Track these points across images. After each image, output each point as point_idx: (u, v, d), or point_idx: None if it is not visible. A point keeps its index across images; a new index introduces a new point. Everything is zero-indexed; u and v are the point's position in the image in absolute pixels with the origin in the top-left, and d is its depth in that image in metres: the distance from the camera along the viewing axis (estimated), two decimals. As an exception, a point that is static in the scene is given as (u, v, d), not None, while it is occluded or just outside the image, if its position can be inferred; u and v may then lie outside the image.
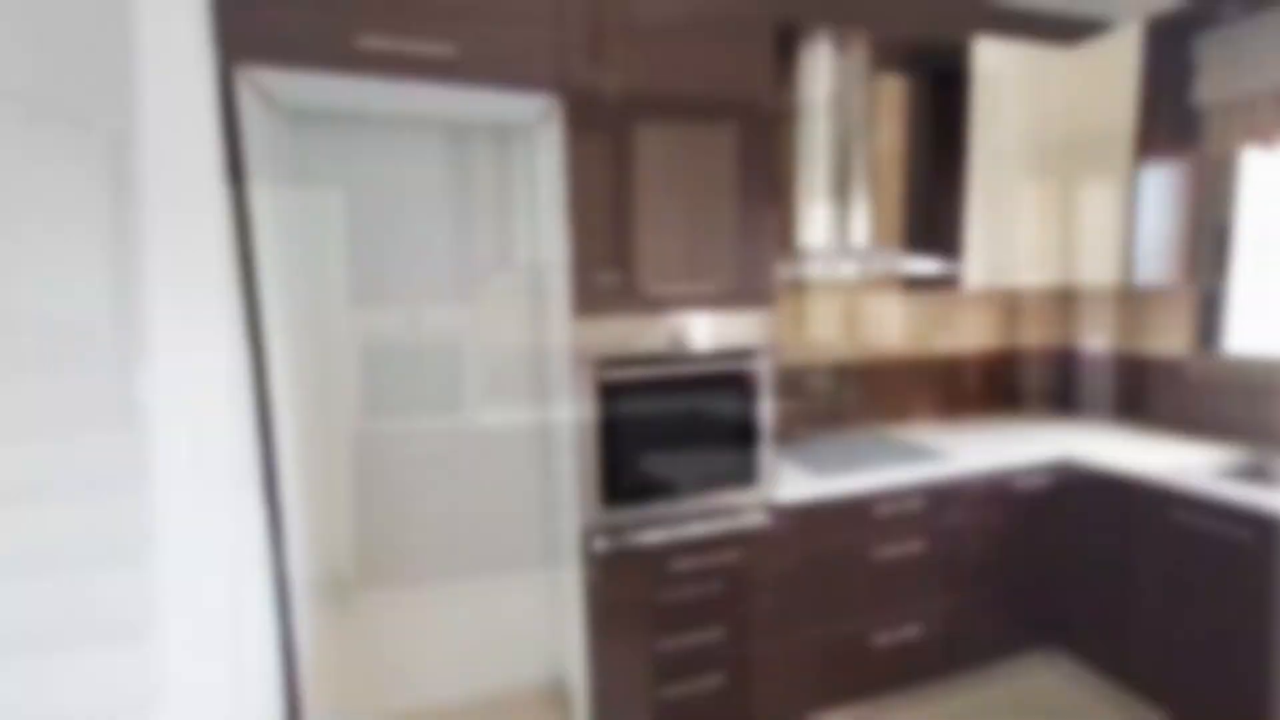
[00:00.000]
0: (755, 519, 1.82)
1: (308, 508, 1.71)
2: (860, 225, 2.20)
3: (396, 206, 1.94)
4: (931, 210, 2.35)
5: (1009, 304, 2.74)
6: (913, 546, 2.02)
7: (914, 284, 2.47)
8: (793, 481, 1.92)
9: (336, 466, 1.97)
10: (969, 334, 2.69)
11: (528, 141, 2.05)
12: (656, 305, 1.68)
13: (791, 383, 2.42)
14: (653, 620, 1.76)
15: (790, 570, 1.87)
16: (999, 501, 2.13)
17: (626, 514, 1.72)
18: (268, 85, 1.49)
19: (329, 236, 1.88)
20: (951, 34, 2.12)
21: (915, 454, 2.15)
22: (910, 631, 2.08)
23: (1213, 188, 2.22)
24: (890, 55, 2.24)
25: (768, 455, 1.84)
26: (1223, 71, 2.09)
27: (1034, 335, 2.82)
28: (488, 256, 2.07)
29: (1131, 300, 2.47)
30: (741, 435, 1.81)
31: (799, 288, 2.40)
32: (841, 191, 2.16)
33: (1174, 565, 1.90)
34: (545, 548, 2.26)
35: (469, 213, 2.03)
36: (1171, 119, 2.16)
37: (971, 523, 2.10)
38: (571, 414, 1.67)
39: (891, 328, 2.55)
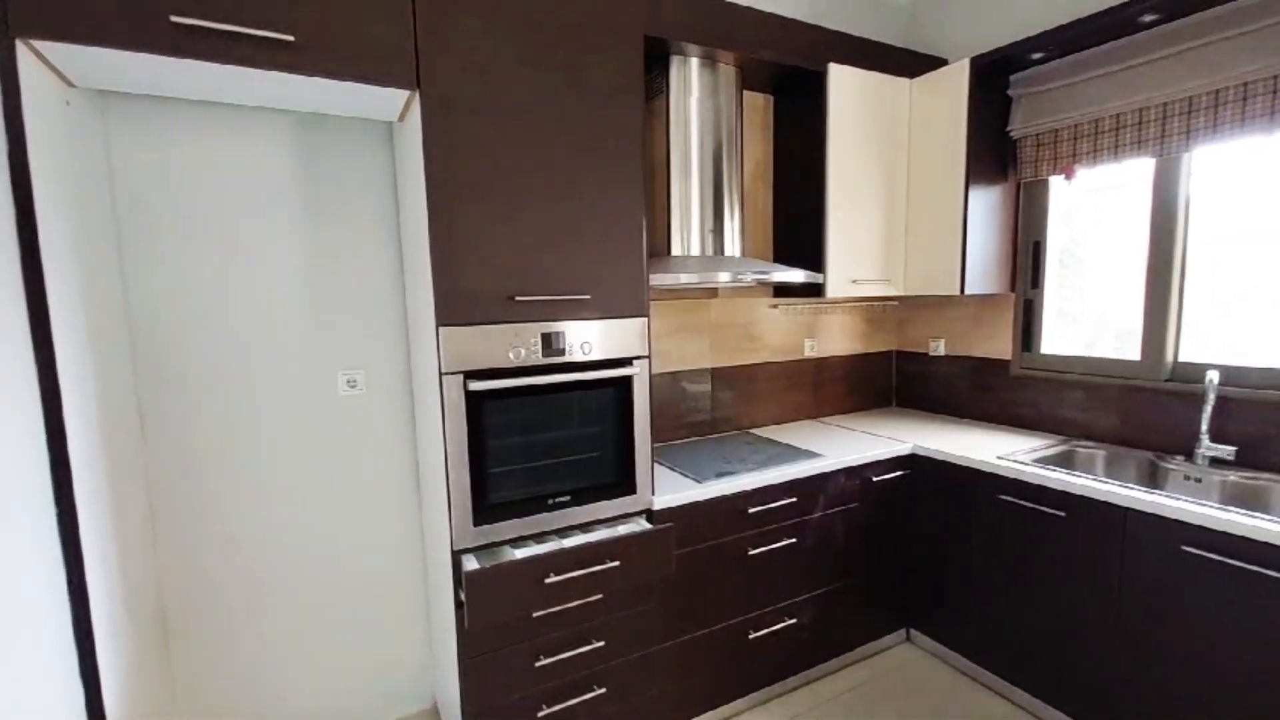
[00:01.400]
0: (634, 527, 1.83)
1: (121, 537, 1.50)
2: (733, 236, 2.29)
3: (231, 203, 1.76)
4: (797, 222, 2.49)
5: (868, 311, 2.97)
6: (785, 541, 2.12)
7: (783, 292, 2.61)
8: (671, 487, 1.95)
9: (159, 488, 1.74)
10: (834, 339, 2.88)
11: (389, 139, 1.94)
12: (529, 314, 1.64)
13: (669, 390, 2.47)
14: (531, 638, 1.71)
15: (671, 575, 1.89)
16: (859, 494, 2.29)
17: (499, 530, 1.66)
18: (60, 62, 1.29)
19: (140, 233, 1.66)
20: (809, 61, 2.26)
21: (786, 454, 2.26)
22: (786, 623, 2.17)
23: (1028, 209, 2.53)
24: (757, 75, 2.35)
25: (646, 462, 1.85)
26: (1031, 109, 2.39)
27: (890, 340, 3.07)
28: (347, 259, 1.93)
29: (967, 307, 2.75)
30: (619, 444, 1.81)
31: (675, 296, 2.45)
32: (715, 204, 2.24)
33: (1003, 542, 2.13)
34: (418, 570, 2.14)
35: (321, 212, 1.88)
36: (994, 148, 2.44)
37: (836, 516, 2.24)
38: (438, 428, 1.59)
39: (763, 334, 2.67)
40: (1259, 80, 1.84)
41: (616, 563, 1.69)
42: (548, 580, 1.61)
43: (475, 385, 1.56)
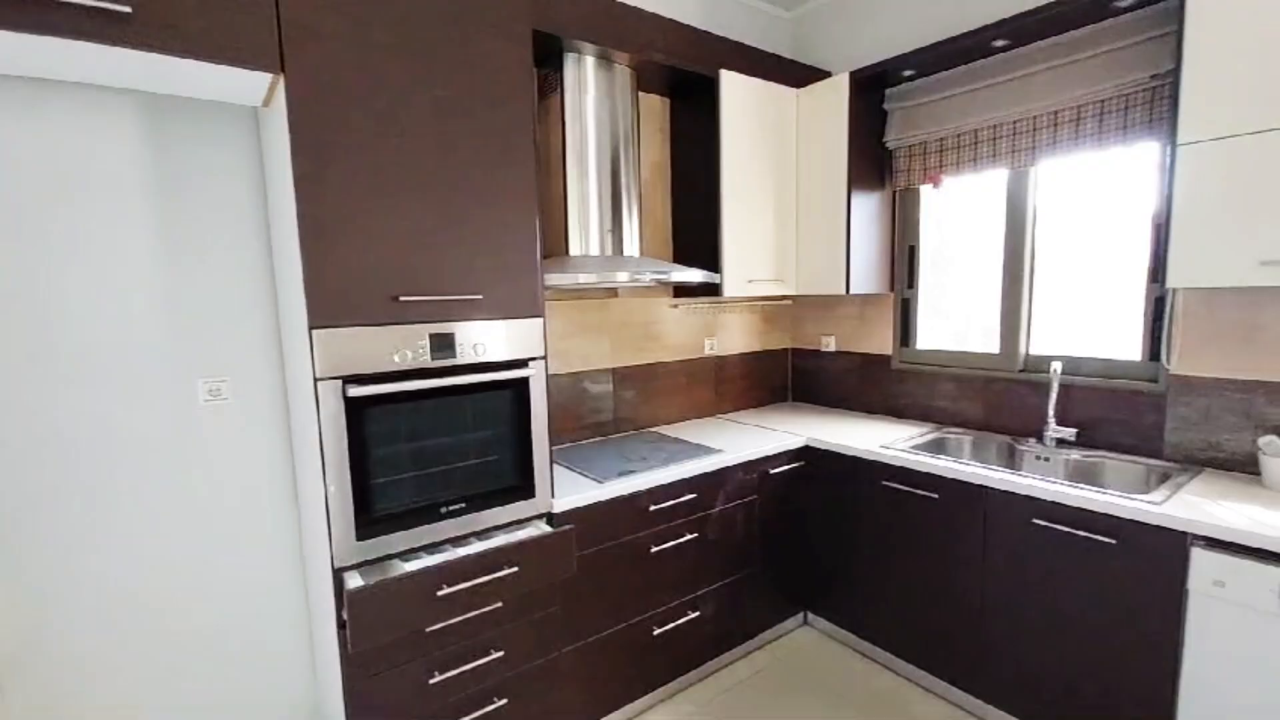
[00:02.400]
0: (534, 531, 1.79)
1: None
2: (632, 236, 2.30)
3: (72, 194, 1.55)
4: (694, 223, 2.55)
5: (764, 310, 3.08)
6: (687, 537, 2.16)
7: (682, 292, 2.66)
8: (573, 489, 1.93)
9: (-14, 527, 1.51)
10: (733, 338, 2.97)
11: (256, 125, 1.79)
12: (416, 314, 1.56)
13: (570, 390, 2.44)
14: (424, 654, 1.63)
15: (573, 578, 1.87)
16: (758, 487, 2.37)
17: (387, 544, 1.57)
18: None
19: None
20: (702, 66, 2.32)
21: (687, 451, 2.30)
22: (689, 617, 2.21)
23: (903, 215, 2.73)
24: (653, 78, 2.38)
25: (545, 465, 1.82)
26: (904, 122, 2.58)
27: (786, 338, 3.21)
28: (210, 256, 1.76)
29: (854, 306, 2.92)
30: (517, 447, 1.77)
31: (575, 296, 2.44)
32: (614, 204, 2.24)
33: (887, 525, 2.27)
34: (299, 593, 1.99)
35: (180, 205, 1.70)
36: (873, 157, 2.60)
37: (736, 509, 2.31)
38: (315, 438, 1.48)
39: (664, 334, 2.71)
40: (1090, 103, 2.08)
41: (515, 569, 1.64)
42: (441, 592, 1.54)
43: (355, 391, 1.46)
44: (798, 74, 2.68)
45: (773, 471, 2.40)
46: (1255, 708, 1.50)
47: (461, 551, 1.64)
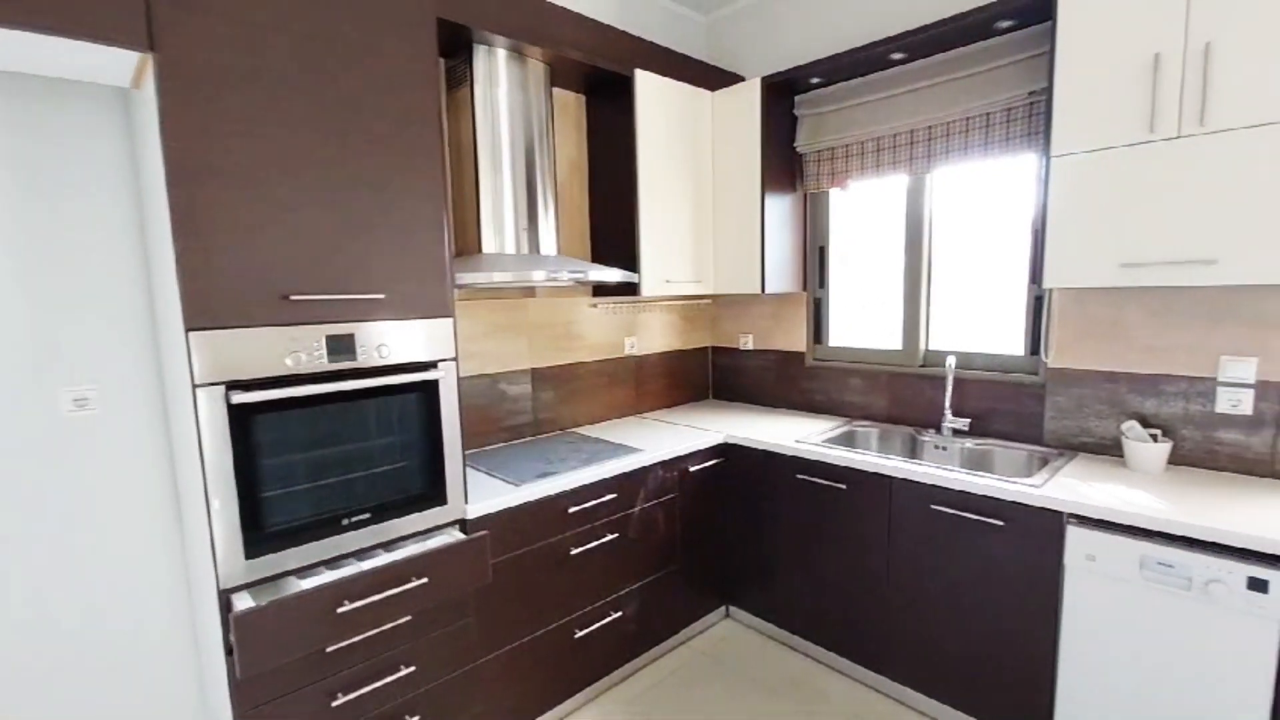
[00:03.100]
0: (446, 539, 1.72)
1: None
2: (548, 235, 2.27)
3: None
4: (612, 223, 2.54)
5: (684, 309, 3.12)
6: (607, 537, 2.14)
7: (602, 291, 2.64)
8: (489, 493, 1.88)
9: None
10: (654, 337, 2.99)
11: (125, 108, 1.63)
12: (310, 315, 1.46)
13: (487, 392, 2.38)
14: (325, 675, 1.53)
15: (490, 585, 1.81)
16: (678, 484, 2.39)
17: (281, 560, 1.47)
18: None
19: None
20: (617, 65, 2.31)
21: (607, 451, 2.29)
22: (611, 617, 2.20)
23: (814, 217, 2.83)
24: (567, 74, 2.35)
25: (457, 470, 1.76)
26: (812, 128, 2.67)
27: (706, 336, 3.26)
28: (75, 252, 1.58)
29: (769, 305, 3.01)
30: (427, 452, 1.70)
31: (491, 296, 2.37)
32: (529, 201, 2.20)
33: (801, 516, 2.35)
34: (185, 618, 1.83)
35: (37, 194, 1.52)
36: (785, 160, 2.69)
37: (656, 507, 2.32)
38: (195, 449, 1.36)
39: (584, 333, 2.69)
40: (977, 116, 2.23)
41: (425, 580, 1.58)
42: (342, 609, 1.45)
43: (240, 398, 1.36)
44: (713, 77, 2.73)
45: (692, 469, 2.43)
46: (1122, 662, 1.65)
47: (366, 565, 1.56)
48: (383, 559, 1.59)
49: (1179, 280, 1.67)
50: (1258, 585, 1.44)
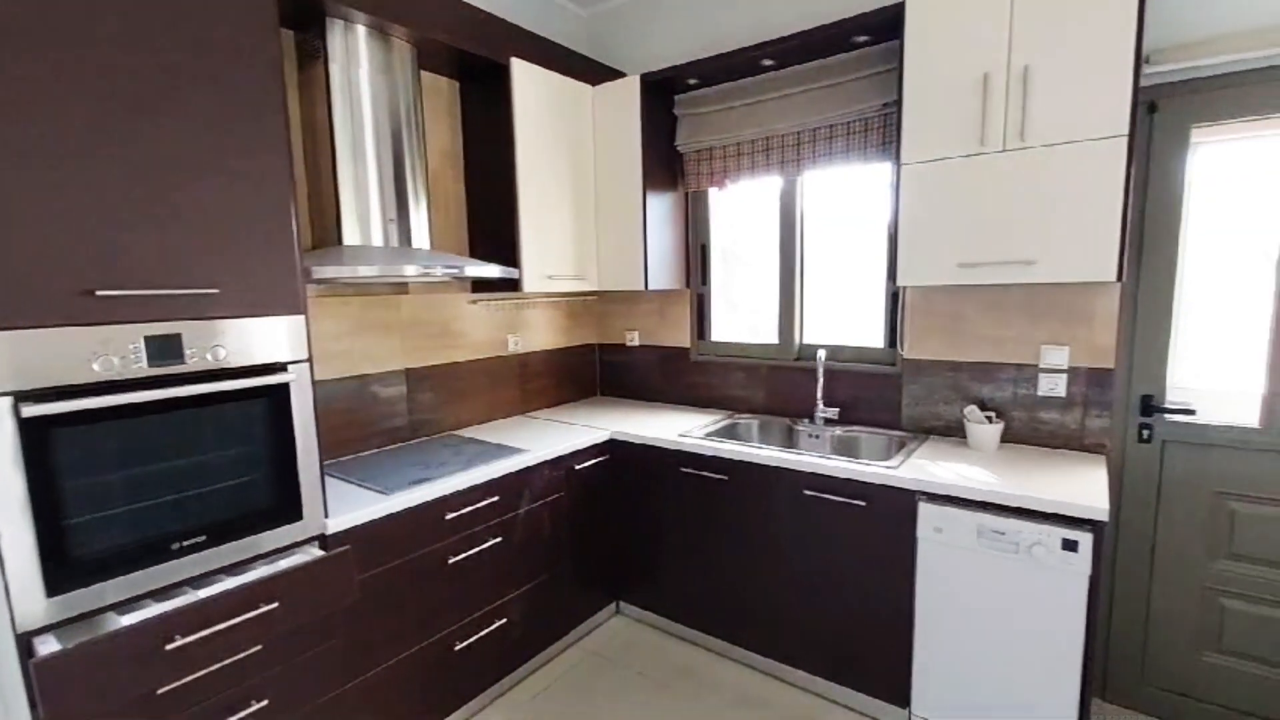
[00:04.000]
0: (302, 558, 1.57)
1: None
2: (420, 227, 2.14)
3: None
4: (491, 217, 2.45)
5: (569, 306, 3.08)
6: (490, 543, 2.07)
7: (482, 287, 2.55)
8: (354, 504, 1.74)
9: None
10: (538, 334, 2.93)
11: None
12: (124, 313, 1.28)
13: (356, 395, 2.22)
14: (155, 721, 1.35)
15: (358, 603, 1.69)
16: (564, 483, 2.35)
17: (97, 595, 1.27)
18: None
19: None
20: (491, 51, 2.23)
21: (489, 453, 2.21)
22: (496, 625, 2.12)
23: (695, 215, 2.89)
24: (437, 58, 2.23)
25: (315, 482, 1.61)
26: (691, 128, 2.73)
27: (592, 333, 3.24)
28: None
29: (654, 302, 3.04)
30: (277, 464, 1.54)
31: (357, 292, 2.21)
32: (397, 191, 2.06)
33: (686, 509, 2.40)
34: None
35: None
36: (665, 159, 2.73)
37: (542, 508, 2.27)
38: (-29, 473, 1.15)
39: (464, 331, 2.58)
40: (839, 124, 2.37)
41: (275, 604, 1.43)
42: (173, 645, 1.29)
43: (33, 410, 1.15)
44: (594, 71, 2.71)
45: (578, 467, 2.40)
46: (966, 617, 1.83)
47: (203, 593, 1.39)
48: (223, 585, 1.43)
49: (1005, 279, 1.87)
50: (1070, 545, 1.64)
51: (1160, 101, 1.89)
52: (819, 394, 2.50)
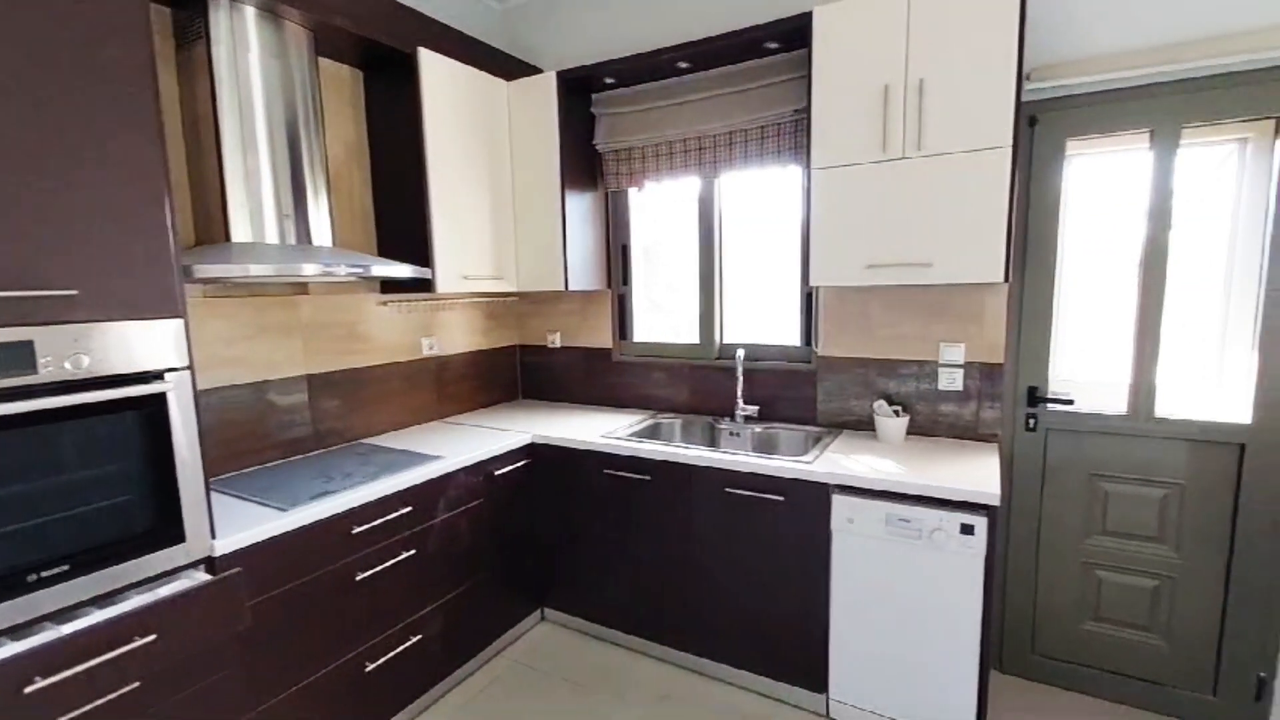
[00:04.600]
0: (184, 584, 1.44)
1: None
2: (321, 224, 2.02)
3: None
4: (401, 214, 2.34)
5: (488, 307, 3.00)
6: (402, 555, 1.97)
7: (392, 288, 2.43)
8: (247, 522, 1.61)
9: None
10: (456, 336, 2.82)
11: None
12: (-40, 316, 1.12)
13: (252, 404, 2.06)
14: (6, 780, 1.20)
15: (253, 628, 1.56)
16: (484, 490, 2.28)
17: (-77, 641, 1.11)
18: None
19: None
20: (396, 40, 2.13)
21: (402, 461, 2.11)
22: (412, 641, 2.03)
23: (615, 215, 2.88)
24: (337, 44, 2.11)
25: (199, 500, 1.48)
26: (610, 127, 2.72)
27: (513, 335, 3.17)
28: None
29: (575, 302, 3.01)
30: (154, 483, 1.40)
31: (250, 292, 2.05)
32: (294, 185, 1.93)
33: (609, 511, 2.38)
34: None
35: None
36: (585, 157, 2.70)
37: (460, 516, 2.19)
38: None
39: (373, 334, 2.45)
40: (754, 128, 2.42)
41: (153, 636, 1.30)
42: (33, 688, 1.14)
43: None
44: (509, 66, 2.64)
45: (498, 472, 2.33)
46: (877, 601, 1.91)
47: (67, 629, 1.24)
48: (91, 619, 1.28)
49: (907, 280, 1.96)
50: (967, 529, 1.75)
51: (1040, 115, 2.05)
52: (739, 392, 2.55)
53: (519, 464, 2.43)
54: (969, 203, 1.84)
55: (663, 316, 2.97)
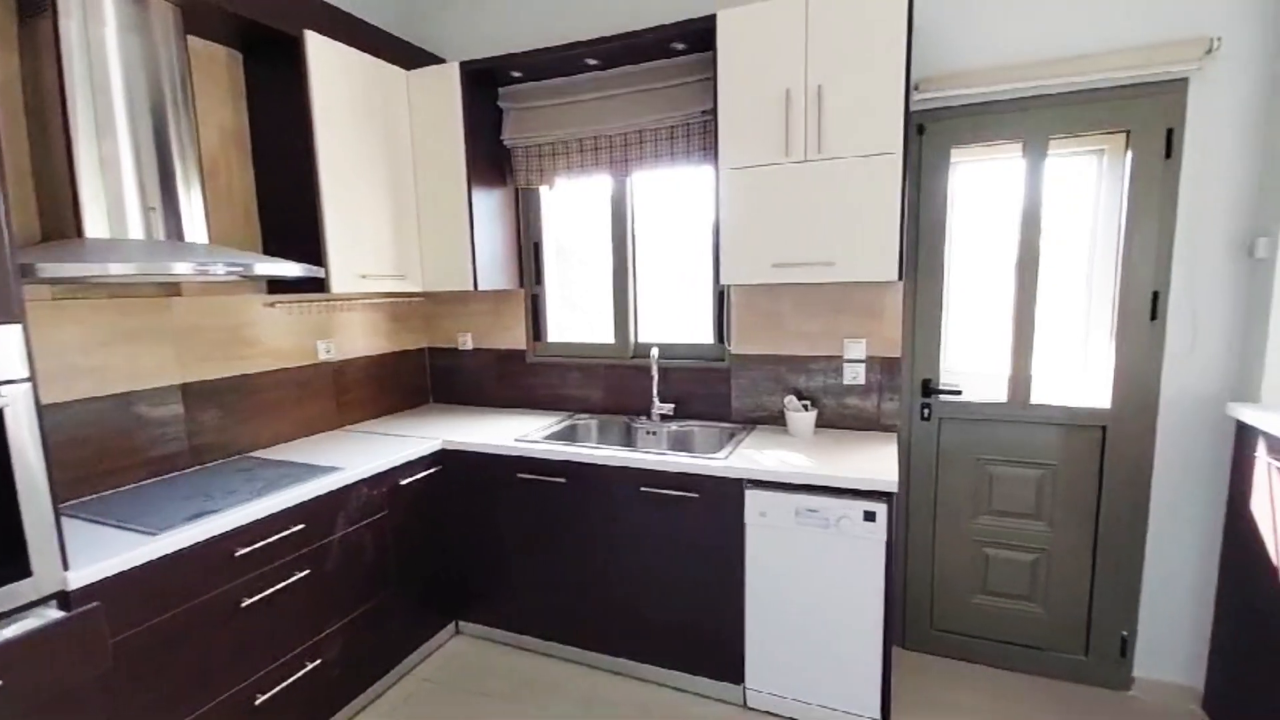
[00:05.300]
0: (32, 623, 1.26)
1: None
2: (194, 218, 1.84)
3: None
4: (289, 209, 2.17)
5: (393, 308, 2.85)
6: (295, 576, 1.83)
7: (281, 288, 2.25)
8: (108, 550, 1.44)
9: None
10: (356, 339, 2.66)
11: None
12: None
13: (117, 418, 1.85)
14: None
15: (118, 667, 1.39)
16: (388, 501, 2.16)
17: None
18: None
19: None
20: (277, 20, 1.98)
21: (294, 474, 1.96)
22: (308, 667, 1.88)
23: (526, 212, 2.82)
24: (210, 22, 1.92)
25: (47, 528, 1.30)
26: (519, 122, 2.65)
27: (421, 337, 3.03)
28: None
29: (487, 302, 2.91)
30: (-14, 510, 1.22)
31: (110, 294, 1.84)
32: (161, 176, 1.75)
33: (525, 517, 2.32)
34: None
35: None
36: (493, 153, 2.62)
37: (362, 531, 2.06)
38: None
39: (261, 338, 2.26)
40: (664, 127, 2.43)
41: (4, 678, 1.13)
42: None
43: None
44: (407, 55, 2.52)
45: (404, 482, 2.22)
46: (790, 589, 1.96)
47: None
48: (-99, 676, 1.10)
49: (811, 278, 2.03)
50: (869, 516, 1.83)
51: (927, 124, 2.17)
52: (655, 391, 2.55)
53: (428, 471, 2.32)
54: (866, 205, 1.93)
55: (579, 316, 2.93)
